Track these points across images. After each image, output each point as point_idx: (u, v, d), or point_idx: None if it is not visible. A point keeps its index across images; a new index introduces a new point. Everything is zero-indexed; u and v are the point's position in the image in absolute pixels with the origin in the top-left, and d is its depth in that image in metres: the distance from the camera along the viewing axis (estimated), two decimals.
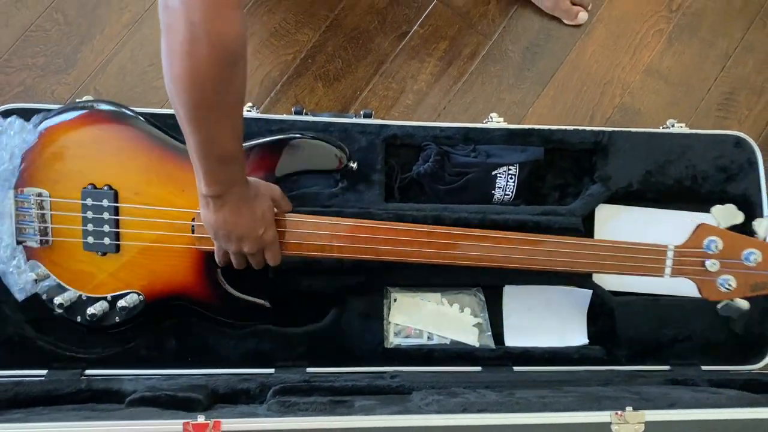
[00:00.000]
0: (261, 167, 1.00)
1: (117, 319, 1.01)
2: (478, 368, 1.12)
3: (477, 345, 1.14)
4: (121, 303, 0.99)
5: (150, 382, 0.98)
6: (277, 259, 0.98)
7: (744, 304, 1.01)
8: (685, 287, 1.21)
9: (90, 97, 1.07)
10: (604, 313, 1.17)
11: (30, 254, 1.02)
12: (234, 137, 0.83)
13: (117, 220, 0.99)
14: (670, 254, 1.02)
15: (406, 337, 1.13)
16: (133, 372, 1.06)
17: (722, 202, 1.25)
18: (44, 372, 1.05)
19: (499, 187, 1.16)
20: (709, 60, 1.42)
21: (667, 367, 1.16)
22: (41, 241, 1.00)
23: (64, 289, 1.01)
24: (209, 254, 0.99)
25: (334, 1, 1.36)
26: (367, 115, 1.15)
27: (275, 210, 0.97)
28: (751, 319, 1.19)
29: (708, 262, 1.00)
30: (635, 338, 1.17)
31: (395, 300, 1.14)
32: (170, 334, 1.08)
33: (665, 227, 1.22)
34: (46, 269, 1.01)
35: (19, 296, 1.03)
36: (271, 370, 1.09)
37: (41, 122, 0.99)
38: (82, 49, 1.29)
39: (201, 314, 1.11)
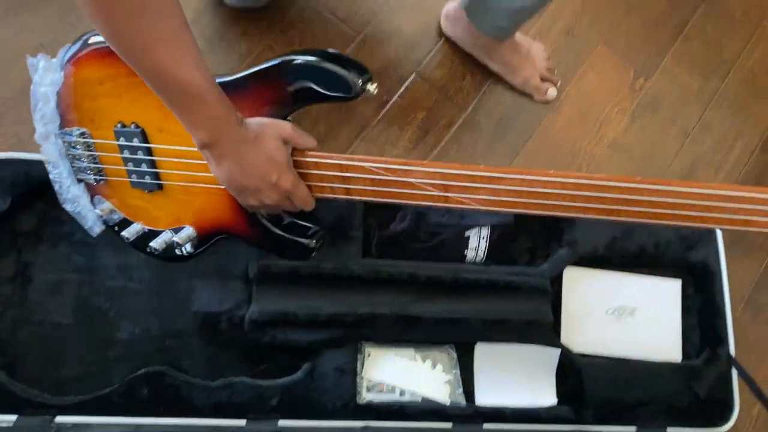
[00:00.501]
0: (263, 103, 0.85)
1: (177, 252, 1.00)
2: (449, 424, 1.13)
3: (448, 402, 1.15)
4: (175, 238, 0.96)
5: (120, 429, 0.98)
6: (309, 203, 0.88)
7: None
8: (652, 350, 1.25)
9: None
10: (573, 373, 1.20)
11: (92, 191, 1.02)
12: (183, 65, 0.74)
13: (152, 160, 0.94)
14: None
15: (379, 392, 1.15)
16: (105, 420, 1.05)
17: (684, 270, 1.31)
18: (14, 417, 1.04)
19: (472, 248, 1.21)
20: (669, 137, 1.52)
21: (633, 428, 1.18)
22: (96, 179, 0.99)
23: (129, 223, 1.00)
24: None
25: None
26: None
27: (294, 149, 0.85)
28: (713, 383, 1.23)
29: None
30: (603, 399, 1.19)
31: (369, 355, 1.16)
32: (143, 382, 1.09)
33: (632, 291, 1.27)
34: (110, 204, 1.00)
35: (94, 231, 1.03)
36: (243, 422, 1.09)
37: (62, 59, 0.95)
38: None
39: (173, 364, 1.12)
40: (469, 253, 1.21)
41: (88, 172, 0.99)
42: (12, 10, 1.37)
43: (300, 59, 0.82)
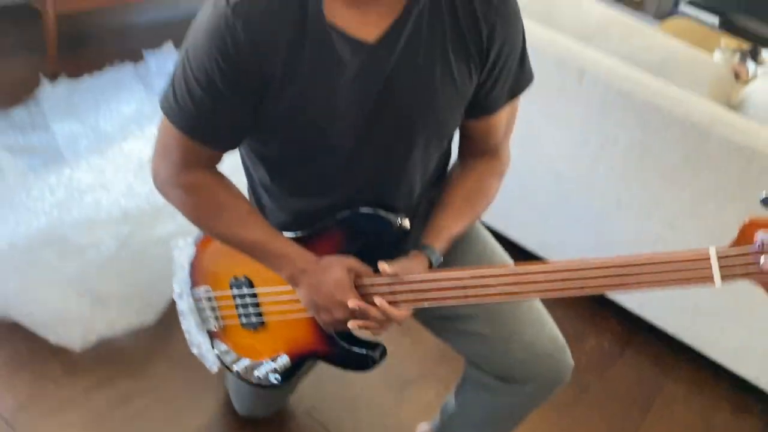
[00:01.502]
0: (329, 248, 1.13)
1: (275, 380, 1.25)
2: None
3: None
4: (274, 366, 1.23)
5: None
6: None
7: None
8: None
9: None
10: None
11: (212, 336, 1.30)
12: (256, 233, 1.08)
13: (257, 302, 1.22)
14: (713, 261, 0.87)
15: None
16: None
17: None
18: None
19: None
20: None
21: None
22: (216, 326, 1.28)
23: (240, 359, 1.28)
24: None
25: None
26: None
27: (356, 276, 1.08)
28: None
29: (764, 258, 0.85)
30: None
31: None
32: None
33: None
34: (226, 346, 1.29)
35: (213, 369, 1.30)
36: None
37: (196, 238, 1.27)
38: None
39: None
40: None
41: (210, 320, 1.29)
42: None
43: (343, 213, 1.12)
